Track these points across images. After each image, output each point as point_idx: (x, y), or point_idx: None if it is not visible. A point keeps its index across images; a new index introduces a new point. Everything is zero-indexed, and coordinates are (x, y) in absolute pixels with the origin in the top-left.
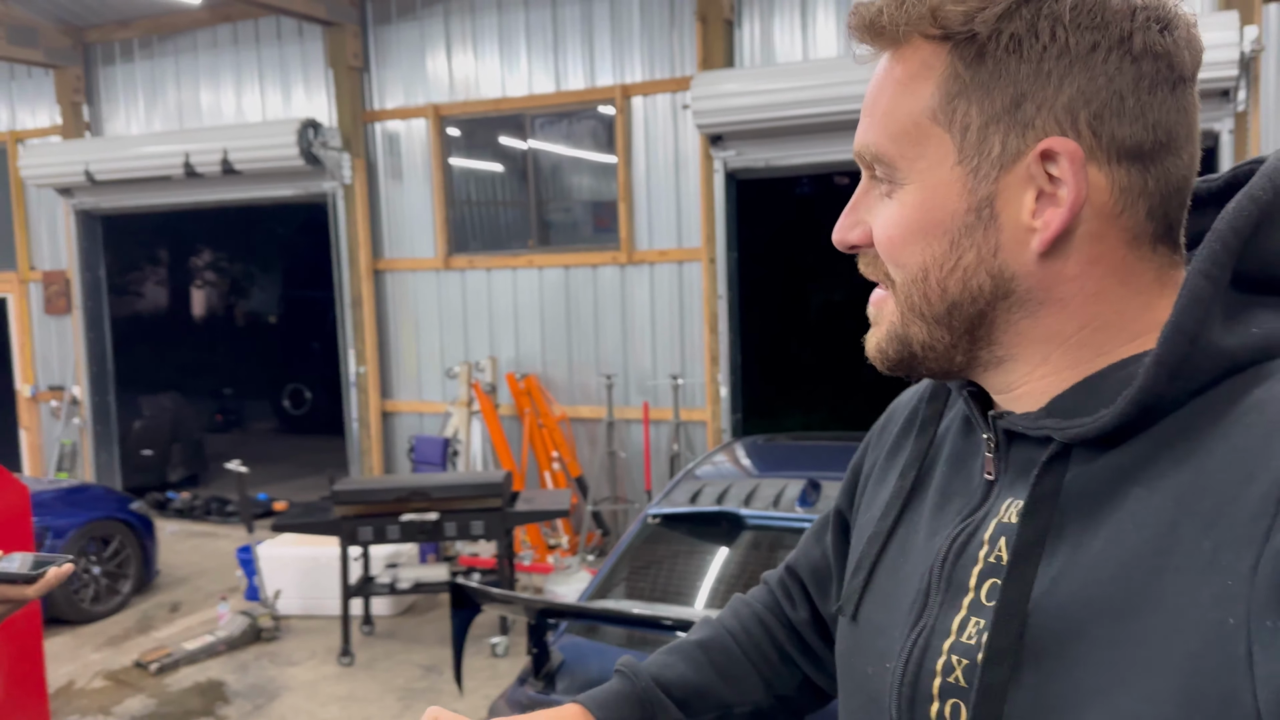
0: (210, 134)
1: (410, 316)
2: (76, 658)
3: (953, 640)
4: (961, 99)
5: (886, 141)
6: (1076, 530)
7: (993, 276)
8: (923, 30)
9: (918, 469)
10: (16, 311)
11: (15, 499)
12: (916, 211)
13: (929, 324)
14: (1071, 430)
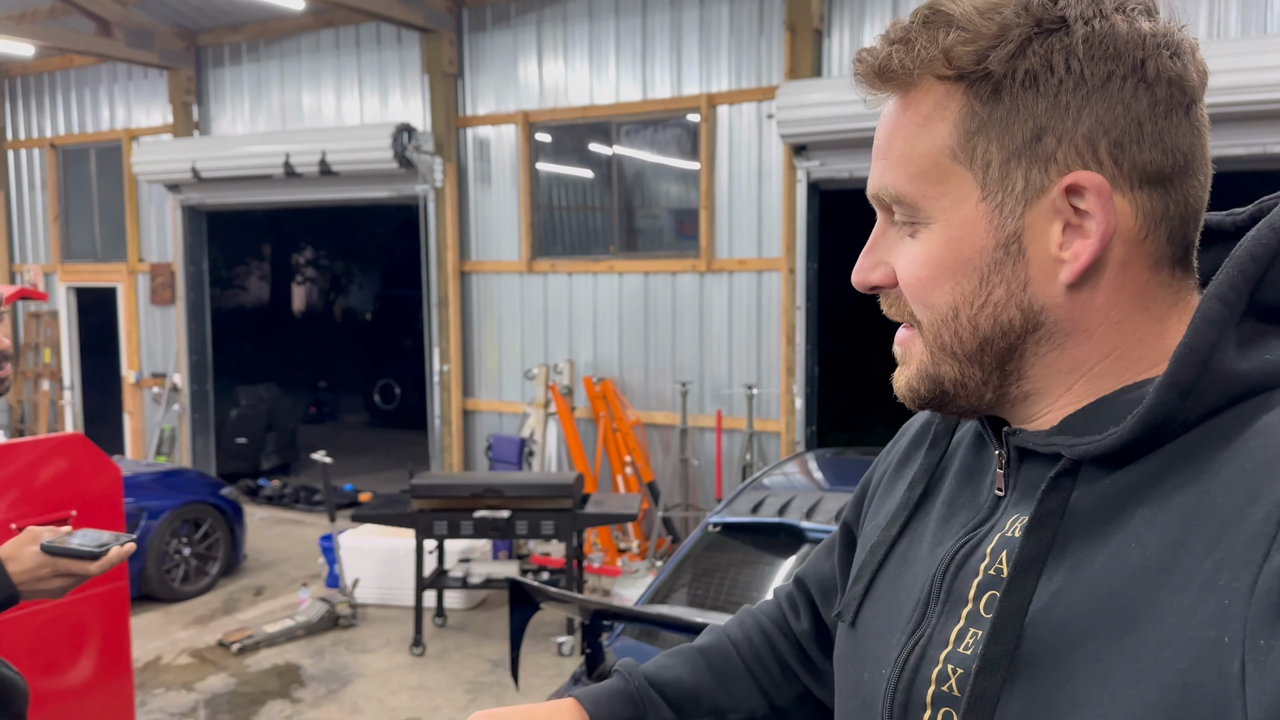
0: (309, 135)
1: (493, 318)
2: (165, 634)
3: (949, 650)
4: (980, 136)
5: (906, 183)
6: (1079, 547)
7: (1022, 310)
8: (935, 72)
9: (926, 481)
10: (125, 301)
11: (110, 480)
12: (943, 250)
13: (960, 362)
14: (1080, 447)
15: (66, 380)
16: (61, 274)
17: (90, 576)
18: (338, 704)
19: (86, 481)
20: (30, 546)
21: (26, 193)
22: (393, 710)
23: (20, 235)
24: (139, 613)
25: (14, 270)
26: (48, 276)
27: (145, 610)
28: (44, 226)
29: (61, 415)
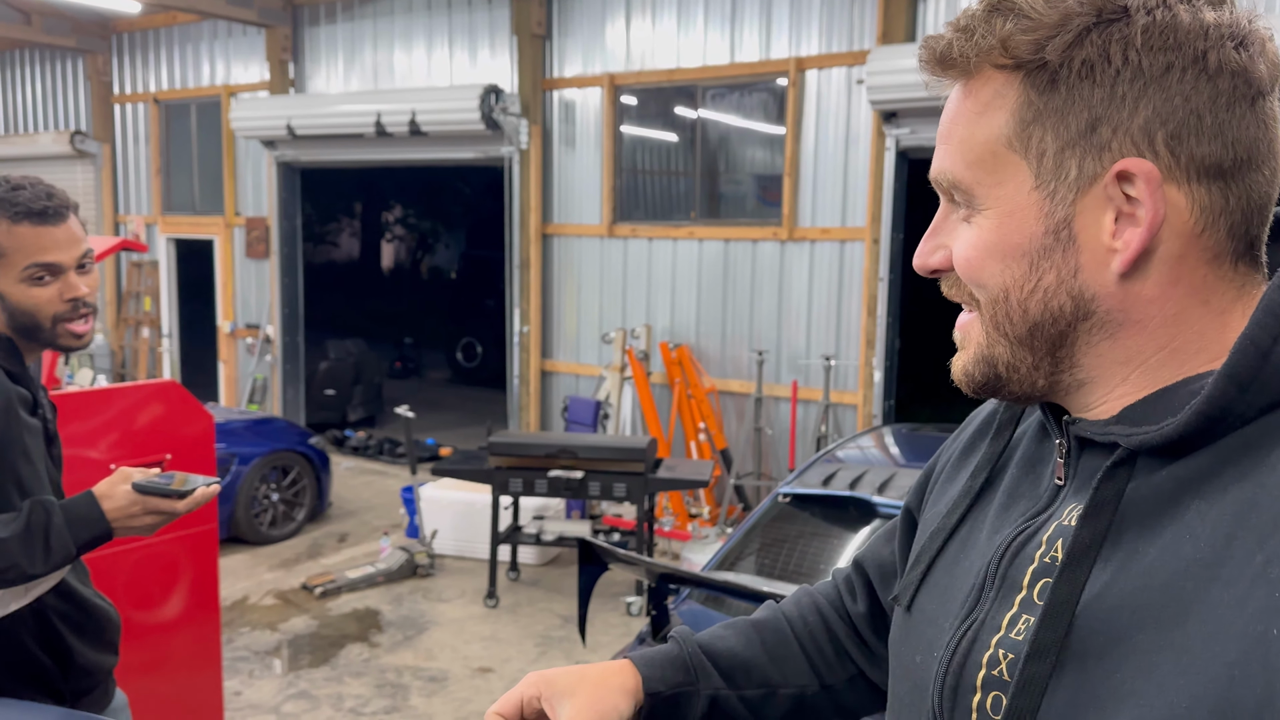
0: (400, 95)
1: (573, 281)
2: (252, 576)
3: (1001, 635)
4: (1036, 125)
5: (963, 169)
6: (1134, 538)
7: (1073, 297)
8: (993, 61)
9: (989, 470)
10: (221, 253)
11: (202, 426)
12: (994, 235)
13: (1012, 344)
14: (1136, 437)
15: (165, 328)
16: (162, 225)
17: (178, 515)
18: (413, 650)
19: (180, 427)
20: (123, 485)
21: (131, 146)
22: (466, 659)
23: (124, 187)
24: (228, 554)
25: (118, 220)
26: (149, 227)
27: (234, 552)
28: (146, 179)
29: (160, 362)
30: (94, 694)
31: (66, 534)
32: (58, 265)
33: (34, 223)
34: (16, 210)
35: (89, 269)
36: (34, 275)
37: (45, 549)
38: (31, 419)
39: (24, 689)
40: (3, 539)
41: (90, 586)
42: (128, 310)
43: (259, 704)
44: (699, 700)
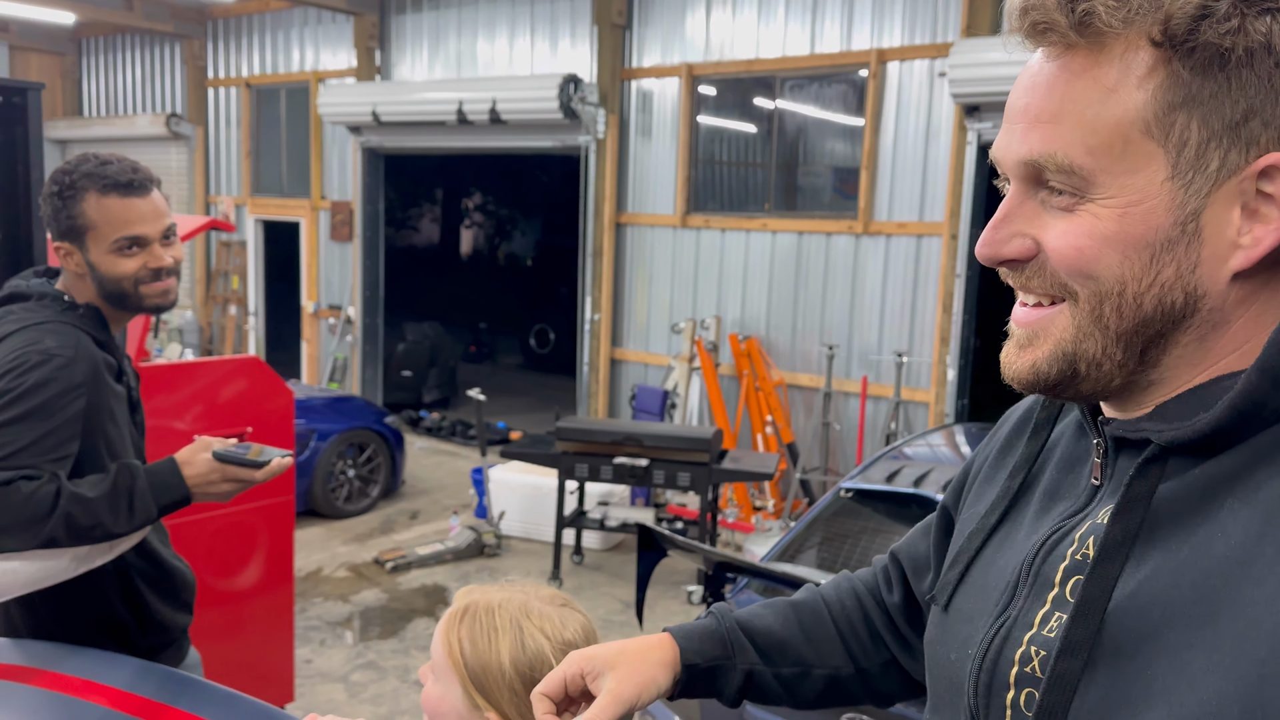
0: (481, 84)
1: (645, 270)
2: (327, 548)
3: (1034, 632)
4: (1182, 111)
5: (1084, 154)
6: (1166, 535)
7: (1186, 294)
8: (1149, 33)
9: (1027, 470)
10: (307, 235)
11: (283, 401)
12: (1116, 225)
13: (1109, 340)
14: (1168, 434)
15: (251, 306)
16: (251, 207)
17: (255, 483)
18: None
19: (262, 401)
20: (203, 453)
21: (223, 129)
22: None
23: (216, 169)
24: (305, 527)
25: (209, 201)
26: (238, 208)
27: (310, 525)
28: (237, 161)
29: (246, 339)
30: (169, 650)
31: (149, 496)
32: (144, 237)
33: (121, 195)
34: (105, 183)
35: (173, 241)
36: (122, 247)
37: (129, 510)
38: (117, 385)
39: (104, 641)
40: (91, 498)
41: (169, 548)
42: (216, 288)
43: (328, 672)
44: (735, 675)
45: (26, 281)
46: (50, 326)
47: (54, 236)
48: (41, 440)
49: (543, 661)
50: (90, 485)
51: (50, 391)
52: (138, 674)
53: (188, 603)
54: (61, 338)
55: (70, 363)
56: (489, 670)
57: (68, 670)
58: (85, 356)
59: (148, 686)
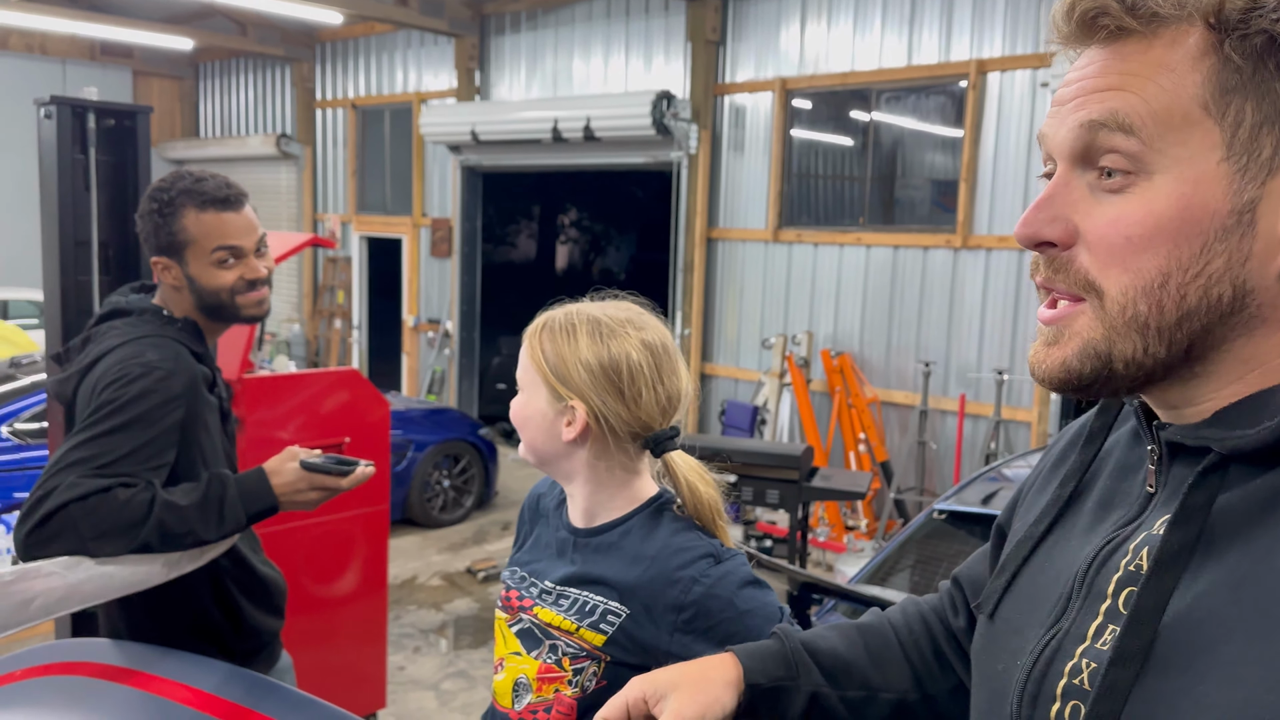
0: (575, 102)
1: (735, 285)
2: (422, 557)
3: (1086, 645)
4: (1238, 94)
5: (1148, 116)
6: (1225, 547)
7: (1234, 288)
8: (1205, 15)
9: (1079, 479)
10: (408, 251)
11: (380, 414)
12: (1172, 207)
13: (1149, 338)
14: (1230, 442)
15: (355, 320)
16: (356, 224)
17: (340, 491)
18: None
19: (360, 412)
20: (290, 463)
21: (330, 149)
22: None
23: (323, 187)
24: (401, 535)
25: (317, 218)
26: (344, 226)
27: (406, 534)
28: (343, 180)
29: (350, 351)
30: (262, 654)
31: (239, 505)
32: (241, 249)
33: (218, 209)
34: (203, 199)
35: (265, 253)
36: (221, 259)
37: (219, 518)
38: (210, 396)
39: (200, 644)
40: (183, 506)
41: (260, 555)
42: (323, 303)
43: (420, 680)
44: (799, 696)
45: (125, 297)
46: (151, 340)
47: (152, 252)
48: (141, 449)
49: (623, 352)
50: (183, 493)
51: (150, 402)
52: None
53: (279, 608)
54: (162, 351)
55: (170, 375)
56: (568, 362)
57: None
58: (184, 369)
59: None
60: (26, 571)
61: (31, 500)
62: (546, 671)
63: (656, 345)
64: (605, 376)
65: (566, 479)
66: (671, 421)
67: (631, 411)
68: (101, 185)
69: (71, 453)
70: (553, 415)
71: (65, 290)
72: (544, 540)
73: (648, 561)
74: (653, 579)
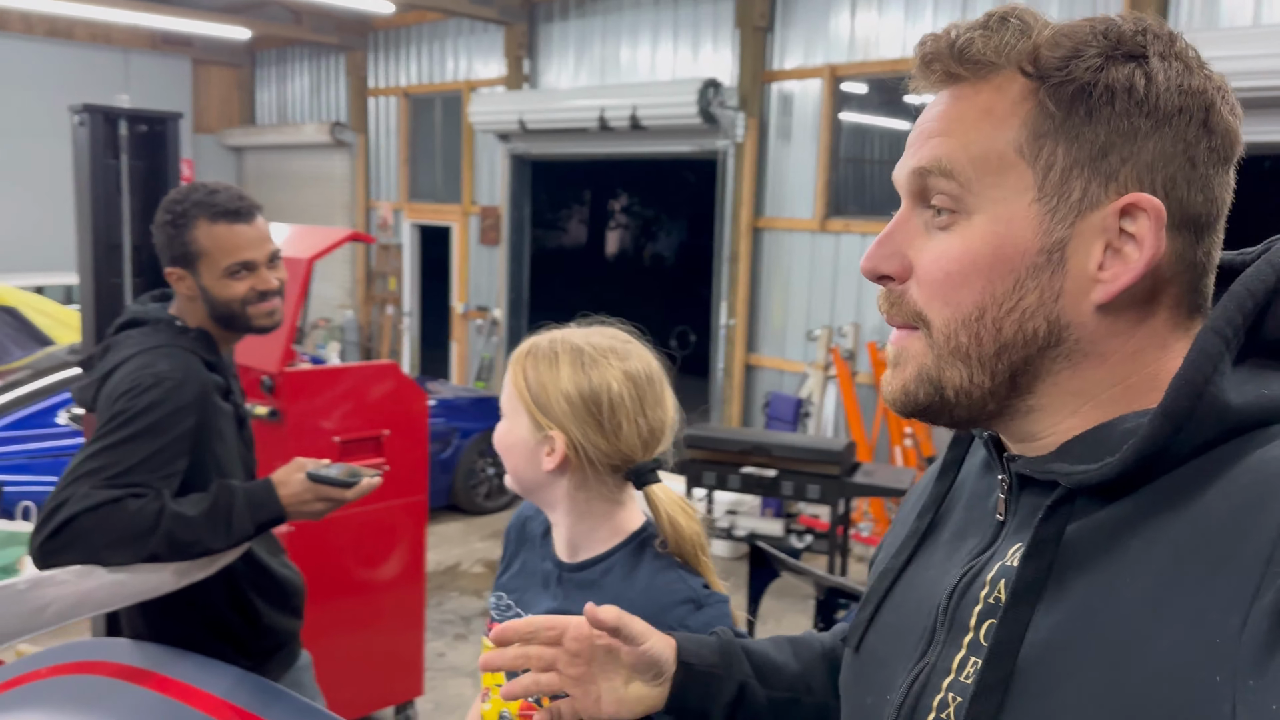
0: (622, 91)
1: (781, 275)
2: (465, 543)
3: (951, 678)
4: (1049, 139)
5: (966, 161)
6: (1074, 577)
7: (1049, 322)
8: (1021, 64)
9: (935, 510)
10: (458, 239)
11: (418, 406)
12: (986, 245)
13: (972, 367)
14: (1076, 476)
15: (406, 307)
16: (407, 212)
17: (345, 502)
18: None
19: (399, 404)
20: (297, 474)
21: (382, 137)
22: None
23: (376, 175)
24: (446, 521)
25: (369, 206)
26: (396, 213)
27: (451, 520)
28: (395, 168)
29: (400, 338)
30: (280, 653)
31: (246, 515)
32: (252, 261)
33: (230, 222)
34: (215, 211)
35: (277, 264)
36: (232, 271)
37: (227, 528)
38: (225, 404)
39: (218, 645)
40: (191, 516)
41: (279, 556)
42: (375, 289)
43: (459, 667)
44: (729, 684)
45: (144, 306)
46: (164, 350)
47: (166, 263)
48: (152, 458)
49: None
50: (191, 504)
51: (161, 412)
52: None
53: (297, 608)
54: (173, 361)
55: (180, 385)
56: (549, 390)
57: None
58: (194, 379)
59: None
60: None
61: (46, 510)
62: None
63: (640, 375)
64: (585, 407)
65: (550, 508)
66: (655, 454)
67: (611, 443)
68: (134, 189)
69: (85, 463)
70: (533, 444)
71: (98, 293)
72: (530, 568)
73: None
74: None
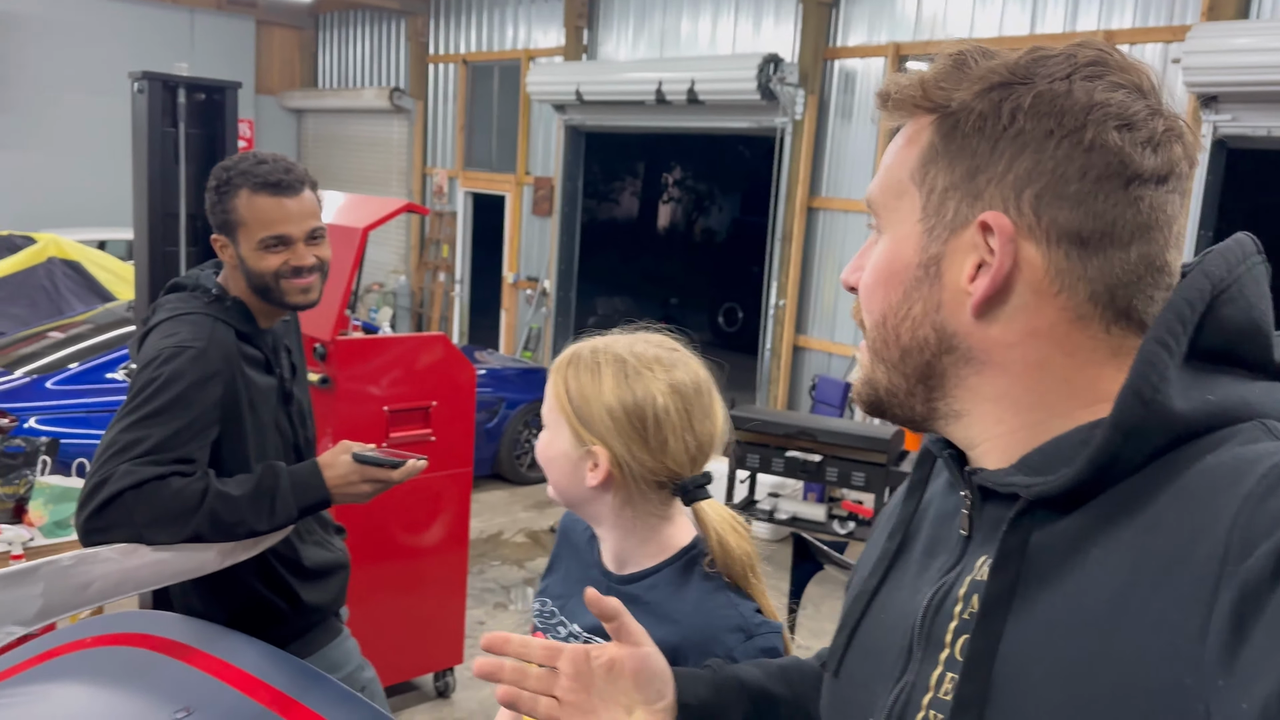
0: (680, 64)
1: (834, 257)
2: (508, 513)
3: (931, 695)
4: (933, 165)
5: (878, 192)
6: (1039, 588)
7: (936, 330)
8: (917, 103)
9: (904, 530)
10: (511, 209)
11: (466, 377)
12: (883, 260)
13: (888, 368)
14: (1036, 488)
15: (458, 274)
16: (462, 180)
17: (392, 484)
18: None
19: (447, 375)
20: (343, 456)
21: (441, 104)
22: None
23: (433, 142)
24: (490, 490)
25: (425, 173)
26: (451, 181)
27: (495, 489)
28: (452, 136)
29: (451, 305)
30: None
31: (290, 498)
32: (288, 236)
33: (271, 194)
34: (257, 182)
35: (320, 241)
36: (268, 244)
37: (271, 510)
38: (265, 377)
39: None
40: (235, 496)
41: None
42: (428, 256)
43: None
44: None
45: (195, 273)
46: (191, 318)
47: (212, 229)
48: (182, 431)
49: (648, 396)
50: (236, 484)
51: (185, 383)
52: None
53: (336, 586)
54: (197, 329)
55: (203, 353)
56: (591, 404)
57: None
58: (219, 347)
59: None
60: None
61: (88, 486)
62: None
63: (687, 387)
64: (629, 422)
65: (595, 522)
66: (703, 468)
67: (657, 459)
68: (190, 158)
69: (119, 437)
70: (576, 458)
71: (154, 260)
72: (575, 575)
73: (673, 625)
74: (677, 646)
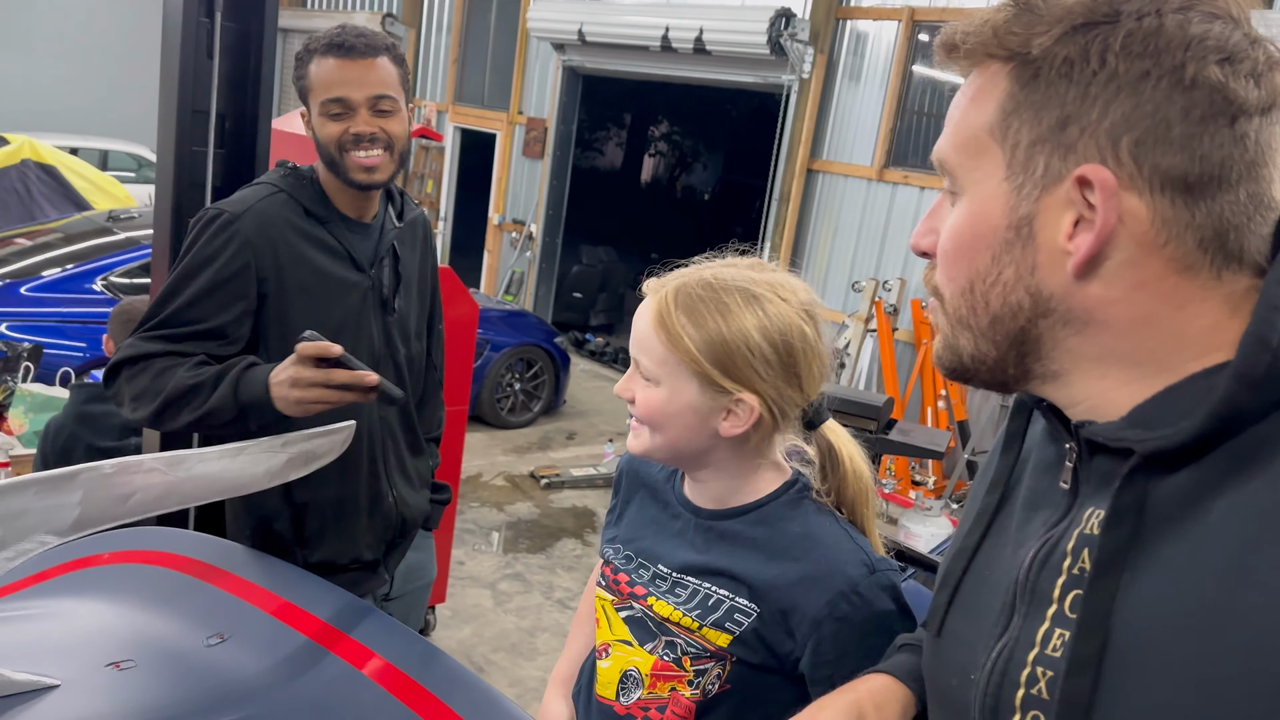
0: (690, 11)
1: (830, 221)
2: (488, 456)
3: (1037, 652)
4: (1015, 117)
5: (951, 150)
6: (1158, 543)
7: (1031, 294)
8: (989, 51)
9: (1004, 485)
10: (500, 148)
11: (468, 311)
12: (966, 223)
13: (975, 336)
14: (1152, 442)
15: (442, 212)
16: (452, 114)
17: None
18: None
19: (448, 308)
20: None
21: (434, 34)
22: None
23: (423, 73)
24: (470, 432)
25: (414, 104)
26: (440, 114)
27: (475, 431)
28: (444, 68)
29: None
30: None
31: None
32: (347, 100)
33: (336, 56)
34: (327, 44)
35: (389, 113)
36: (329, 110)
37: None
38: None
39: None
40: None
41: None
42: (412, 189)
43: (478, 577)
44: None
45: None
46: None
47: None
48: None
49: (790, 325)
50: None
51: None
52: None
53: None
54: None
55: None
56: (733, 347)
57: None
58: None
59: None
60: (127, 465)
61: None
62: (663, 669)
63: (814, 305)
64: (779, 360)
65: (702, 467)
66: None
67: (804, 392)
68: (224, 53)
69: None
70: (706, 411)
71: (180, 160)
72: (650, 515)
73: (789, 561)
74: (794, 583)
